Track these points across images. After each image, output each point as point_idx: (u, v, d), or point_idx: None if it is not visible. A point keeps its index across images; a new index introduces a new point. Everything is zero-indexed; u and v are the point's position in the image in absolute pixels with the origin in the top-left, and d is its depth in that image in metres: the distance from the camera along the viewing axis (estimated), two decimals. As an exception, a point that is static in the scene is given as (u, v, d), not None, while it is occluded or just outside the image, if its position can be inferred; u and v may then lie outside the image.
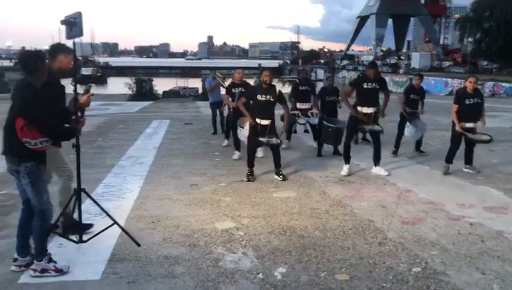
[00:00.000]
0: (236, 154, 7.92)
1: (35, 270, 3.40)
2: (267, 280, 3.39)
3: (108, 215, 3.99)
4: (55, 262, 3.45)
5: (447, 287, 3.27)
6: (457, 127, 6.80)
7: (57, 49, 4.09)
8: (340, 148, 7.69)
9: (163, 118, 14.59)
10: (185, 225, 4.60)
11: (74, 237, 3.81)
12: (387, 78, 44.13)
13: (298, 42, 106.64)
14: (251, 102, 6.63)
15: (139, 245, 3.94)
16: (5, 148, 3.40)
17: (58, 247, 4.00)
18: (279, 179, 6.43)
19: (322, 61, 79.44)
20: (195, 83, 37.27)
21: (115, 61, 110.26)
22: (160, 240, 4.19)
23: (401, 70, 47.81)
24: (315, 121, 8.45)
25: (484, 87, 34.27)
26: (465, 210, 5.11)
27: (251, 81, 11.10)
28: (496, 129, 12.00)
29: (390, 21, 63.39)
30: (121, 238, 4.18)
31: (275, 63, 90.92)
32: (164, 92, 28.79)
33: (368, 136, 8.84)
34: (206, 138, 10.32)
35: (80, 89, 4.01)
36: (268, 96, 6.38)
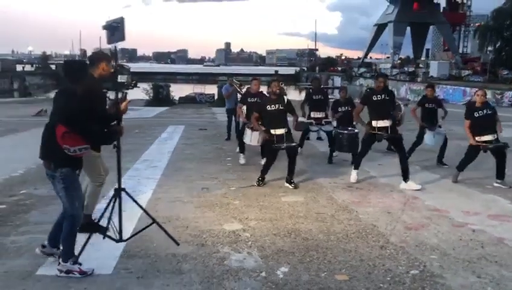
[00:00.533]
0: (242, 158, 8.07)
1: (60, 271, 3.53)
2: (270, 278, 3.55)
3: (148, 214, 4.23)
4: (80, 264, 3.59)
5: (442, 288, 3.39)
6: (471, 142, 6.82)
7: (100, 56, 4.27)
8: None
9: (178, 123, 14.87)
10: (194, 225, 4.79)
11: (114, 236, 3.97)
12: (404, 87, 44.09)
13: (316, 49, 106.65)
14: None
15: (178, 244, 4.13)
16: (44, 152, 3.54)
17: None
18: (290, 187, 6.51)
19: (339, 68, 79.37)
20: (212, 89, 37.69)
21: (134, 66, 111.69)
22: (169, 239, 4.37)
23: (418, 79, 47.51)
24: (329, 128, 8.57)
25: (504, 97, 33.93)
26: (470, 217, 5.20)
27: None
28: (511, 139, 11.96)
29: (408, 29, 63.08)
30: (133, 237, 4.38)
31: (291, 70, 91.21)
32: (180, 98, 29.16)
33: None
34: (220, 144, 10.52)
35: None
36: (277, 106, 6.54)
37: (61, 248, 3.66)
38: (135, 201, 4.26)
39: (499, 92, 34.80)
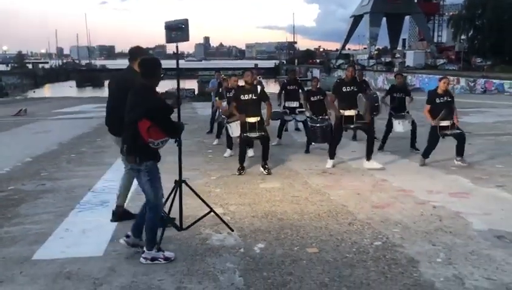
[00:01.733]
0: (228, 152, 8.42)
1: (146, 259, 3.74)
2: (247, 253, 3.92)
3: (206, 203, 4.54)
4: (163, 251, 3.81)
5: (401, 256, 3.81)
6: (432, 122, 7.29)
7: (139, 52, 4.66)
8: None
9: (159, 118, 15.07)
10: (177, 211, 5.11)
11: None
12: (381, 77, 44.84)
13: (295, 42, 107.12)
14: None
15: (232, 230, 4.45)
16: (128, 148, 3.75)
17: (65, 231, 4.53)
18: (264, 172, 6.90)
19: (318, 60, 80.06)
20: (192, 84, 37.84)
21: (112, 64, 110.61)
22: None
23: (395, 69, 48.38)
24: (302, 118, 8.98)
25: (476, 84, 34.92)
26: (432, 196, 5.65)
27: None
28: (479, 124, 12.59)
29: (384, 20, 63.96)
30: (119, 223, 4.72)
31: (271, 63, 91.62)
32: (161, 94, 29.23)
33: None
34: (201, 137, 10.83)
35: None
36: (251, 95, 6.91)
37: (144, 237, 3.86)
38: (194, 192, 4.59)
39: (472, 80, 35.80)
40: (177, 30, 4.23)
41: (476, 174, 6.79)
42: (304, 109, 8.99)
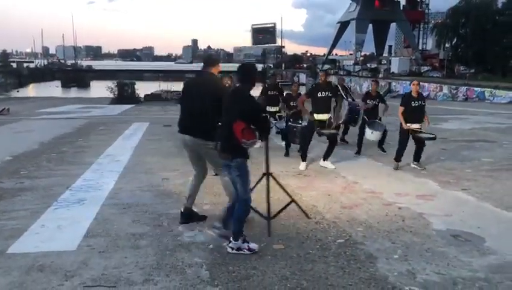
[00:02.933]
0: None
1: (232, 248, 4.02)
2: (216, 249, 4.10)
3: (287, 193, 4.98)
4: (248, 242, 4.07)
5: (360, 252, 4.02)
6: (404, 126, 7.57)
7: (217, 59, 5.06)
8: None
9: (143, 120, 15.20)
10: (153, 210, 5.29)
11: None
12: (366, 83, 45.32)
13: (282, 46, 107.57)
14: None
15: (309, 217, 4.86)
16: (222, 146, 4.07)
17: (41, 227, 4.66)
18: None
19: (304, 65, 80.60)
20: (179, 87, 37.85)
21: (98, 64, 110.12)
22: (129, 221, 4.87)
23: (380, 75, 49.02)
24: (282, 125, 9.19)
25: (458, 91, 35.58)
26: (399, 198, 5.88)
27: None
28: (456, 130, 12.95)
29: (370, 26, 64.70)
30: (95, 220, 4.87)
31: (259, 67, 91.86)
32: (146, 96, 29.29)
33: (347, 137, 9.73)
34: (183, 139, 10.96)
35: None
36: None
37: (231, 228, 4.13)
38: (278, 183, 5.05)
39: (454, 87, 36.47)
40: (265, 33, 4.56)
41: (444, 178, 7.06)
42: (282, 114, 9.20)
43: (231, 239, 4.07)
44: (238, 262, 3.82)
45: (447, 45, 53.57)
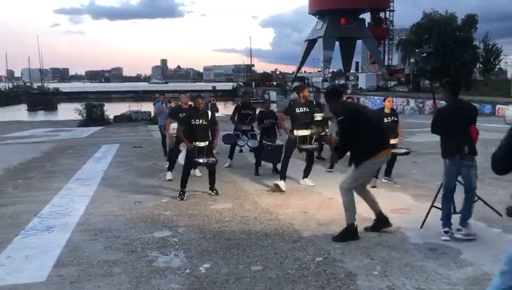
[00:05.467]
0: (169, 175, 8.36)
1: (463, 235, 4.70)
2: (193, 273, 3.98)
3: (480, 199, 5.14)
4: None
5: (340, 270, 3.98)
6: None
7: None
8: (279, 166, 8.30)
9: (113, 142, 14.93)
10: (125, 235, 5.12)
11: None
12: (335, 99, 46.04)
13: (252, 65, 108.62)
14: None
15: (500, 215, 5.01)
16: (470, 149, 4.69)
17: (7, 258, 4.44)
18: (212, 193, 7.02)
19: (274, 83, 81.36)
20: (149, 107, 37.51)
21: (66, 86, 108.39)
22: (101, 248, 4.70)
23: (348, 91, 49.88)
24: (254, 144, 9.15)
25: (425, 105, 36.52)
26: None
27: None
28: (425, 143, 13.16)
29: (337, 43, 66.10)
30: (65, 248, 4.68)
31: (229, 86, 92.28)
32: (116, 117, 28.87)
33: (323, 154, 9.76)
34: (155, 160, 10.79)
35: None
36: (201, 120, 7.00)
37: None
38: (481, 199, 5.19)
39: (420, 101, 37.45)
40: (429, 56, 5.08)
41: (417, 191, 7.13)
42: (255, 132, 9.18)
43: (463, 227, 4.76)
44: (216, 286, 3.71)
45: (411, 60, 55.08)
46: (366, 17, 67.88)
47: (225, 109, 29.15)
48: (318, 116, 7.17)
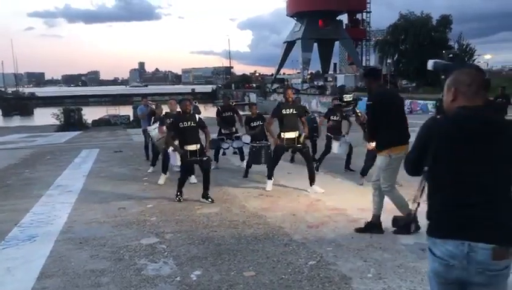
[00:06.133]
0: (162, 178, 8.25)
1: None
2: (184, 281, 3.88)
3: None
4: None
5: (334, 273, 3.93)
6: (369, 146, 7.57)
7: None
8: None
9: (92, 147, 14.64)
10: (112, 243, 4.98)
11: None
12: (314, 100, 46.29)
13: (231, 67, 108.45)
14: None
15: None
16: None
17: (-12, 271, 4.25)
18: (207, 201, 6.77)
19: (254, 85, 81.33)
20: (127, 111, 37.05)
21: (42, 91, 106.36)
22: (87, 257, 4.55)
23: (327, 92, 50.18)
24: (239, 144, 9.07)
25: (404, 104, 36.96)
26: (364, 213, 5.85)
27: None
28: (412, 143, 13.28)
29: (315, 45, 66.49)
30: (49, 258, 4.51)
31: (208, 88, 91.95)
32: (94, 121, 28.44)
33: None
34: (137, 165, 10.59)
35: None
36: (190, 123, 6.88)
37: None
38: None
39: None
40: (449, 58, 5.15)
41: (403, 190, 7.12)
42: (239, 134, 9.09)
43: None
44: (209, 294, 3.62)
45: (389, 61, 55.79)
46: (344, 18, 68.51)
47: (205, 112, 28.96)
48: (347, 97, 7.14)
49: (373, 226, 5.07)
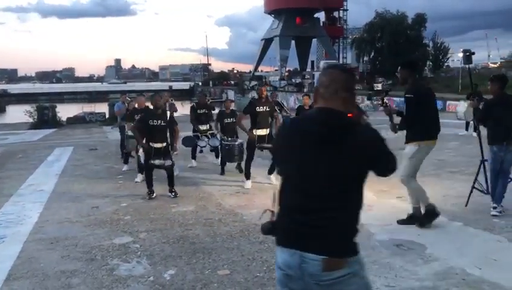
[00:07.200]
0: (139, 177, 8.14)
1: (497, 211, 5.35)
2: (157, 281, 3.81)
3: None
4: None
5: (309, 270, 3.91)
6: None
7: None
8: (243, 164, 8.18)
9: (67, 145, 14.34)
10: (84, 243, 4.87)
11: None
12: (292, 97, 46.47)
13: (209, 64, 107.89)
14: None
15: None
16: None
17: (-47, 273, 4.10)
18: (171, 195, 6.82)
19: (232, 82, 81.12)
20: (103, 108, 36.48)
21: (15, 88, 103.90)
22: (58, 258, 4.44)
23: (305, 89, 50.40)
24: (215, 143, 9.01)
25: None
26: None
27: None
28: (389, 140, 13.42)
29: (293, 42, 66.66)
30: (18, 259, 4.38)
31: (186, 85, 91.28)
32: (68, 119, 27.82)
33: None
34: (112, 163, 10.41)
35: None
36: (159, 121, 6.79)
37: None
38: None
39: (375, 98, 38.29)
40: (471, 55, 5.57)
41: (379, 186, 7.19)
42: (214, 131, 9.03)
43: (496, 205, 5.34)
44: (183, 293, 3.56)
45: (365, 58, 56.39)
46: (321, 16, 68.86)
47: (183, 108, 28.75)
48: (379, 86, 7.05)
49: (416, 219, 5.14)
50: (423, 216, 5.09)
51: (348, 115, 1.99)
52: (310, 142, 1.93)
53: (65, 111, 30.69)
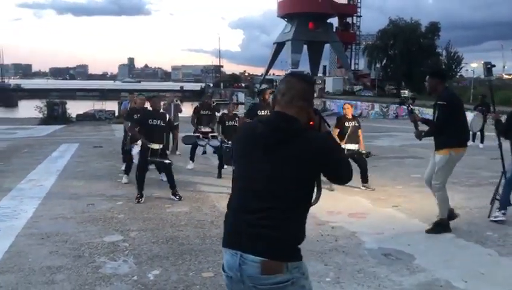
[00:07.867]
0: (125, 178, 8.09)
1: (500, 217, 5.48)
2: (140, 281, 3.82)
3: None
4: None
5: (292, 276, 3.89)
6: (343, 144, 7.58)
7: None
8: None
9: (73, 141, 14.47)
10: (74, 239, 4.90)
11: None
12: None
13: (221, 66, 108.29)
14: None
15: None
16: None
17: None
18: (175, 199, 6.76)
19: (243, 84, 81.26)
20: (114, 106, 36.75)
21: (28, 83, 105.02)
22: (46, 253, 4.47)
23: (315, 94, 50.35)
24: (215, 143, 9.00)
25: (389, 109, 37.24)
26: (332, 216, 5.87)
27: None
28: (387, 147, 13.39)
29: (305, 47, 66.56)
30: (7, 254, 4.42)
31: (197, 86, 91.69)
32: (78, 115, 28.09)
33: None
34: (114, 161, 10.46)
35: None
36: (159, 121, 6.81)
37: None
38: None
39: (385, 105, 38.15)
40: (491, 67, 5.64)
41: (376, 195, 7.17)
42: (215, 134, 9.04)
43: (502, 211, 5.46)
44: (164, 294, 3.57)
45: (377, 65, 56.15)
46: (334, 21, 68.70)
47: (192, 109, 28.86)
48: (406, 93, 7.04)
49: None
50: (434, 224, 5.16)
51: (310, 122, 2.00)
52: (260, 145, 1.96)
53: (76, 108, 30.99)
